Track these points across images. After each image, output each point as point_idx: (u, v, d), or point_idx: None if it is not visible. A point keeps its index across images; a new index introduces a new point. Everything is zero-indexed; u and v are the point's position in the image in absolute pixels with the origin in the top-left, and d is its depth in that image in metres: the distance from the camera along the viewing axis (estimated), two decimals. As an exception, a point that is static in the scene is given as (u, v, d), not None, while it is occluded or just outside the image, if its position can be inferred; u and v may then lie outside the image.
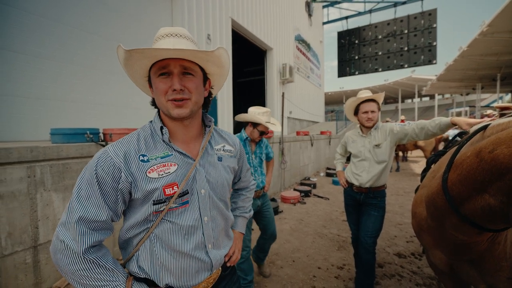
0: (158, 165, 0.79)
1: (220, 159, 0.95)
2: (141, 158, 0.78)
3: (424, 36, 11.75)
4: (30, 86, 3.32)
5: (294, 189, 5.73)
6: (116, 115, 4.38)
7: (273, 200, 4.77)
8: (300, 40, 12.23)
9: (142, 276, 0.81)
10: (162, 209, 0.79)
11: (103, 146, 2.49)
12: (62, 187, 2.19)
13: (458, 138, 1.65)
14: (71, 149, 2.26)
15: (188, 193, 0.83)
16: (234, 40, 7.40)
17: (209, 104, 0.95)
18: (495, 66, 11.01)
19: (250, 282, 2.14)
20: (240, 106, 8.77)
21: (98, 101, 4.11)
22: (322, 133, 9.24)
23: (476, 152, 0.92)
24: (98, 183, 0.73)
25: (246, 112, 2.24)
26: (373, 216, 2.06)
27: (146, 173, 0.77)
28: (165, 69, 0.77)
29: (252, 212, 1.26)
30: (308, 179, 6.99)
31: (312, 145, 7.78)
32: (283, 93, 6.06)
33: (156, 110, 0.90)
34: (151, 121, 0.88)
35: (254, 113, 2.16)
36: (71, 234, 0.70)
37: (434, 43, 11.57)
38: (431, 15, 11.65)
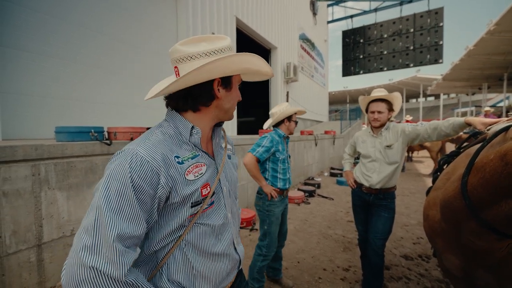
0: (192, 166, 0.77)
1: (229, 156, 0.98)
2: (177, 159, 0.73)
3: (430, 35, 11.60)
4: (34, 84, 3.31)
5: (298, 189, 5.69)
6: (119, 114, 4.37)
7: (277, 200, 4.74)
8: (304, 39, 12.16)
9: None
10: (196, 211, 0.77)
11: (108, 144, 2.47)
12: (67, 185, 2.18)
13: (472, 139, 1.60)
14: (75, 148, 2.24)
15: (214, 192, 0.83)
16: (238, 39, 7.37)
17: None
18: (502, 65, 10.87)
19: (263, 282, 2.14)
20: (244, 105, 8.73)
21: (101, 100, 4.10)
22: (326, 132, 9.18)
23: (501, 155, 0.86)
24: (134, 192, 0.62)
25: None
26: (383, 217, 2.02)
27: (184, 175, 0.73)
28: (239, 83, 0.89)
29: None
30: (312, 179, 6.94)
31: (316, 144, 7.72)
32: (287, 92, 6.02)
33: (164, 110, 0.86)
34: (166, 120, 0.81)
35: (282, 109, 2.22)
36: (107, 256, 0.57)
37: (441, 42, 11.42)
38: (437, 13, 11.50)
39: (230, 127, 6.76)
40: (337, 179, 6.90)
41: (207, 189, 0.79)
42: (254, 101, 11.33)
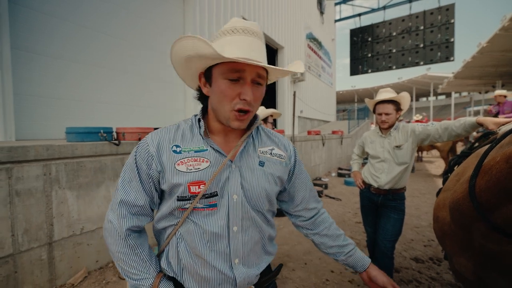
0: (189, 158, 0.74)
1: (262, 163, 0.81)
2: (174, 148, 0.75)
3: (441, 32, 11.34)
4: (44, 85, 3.39)
5: (305, 189, 5.64)
6: (127, 114, 4.44)
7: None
8: (311, 38, 12.08)
9: (171, 275, 0.79)
10: (186, 206, 0.74)
11: (116, 145, 2.51)
12: (77, 185, 2.22)
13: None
14: (85, 148, 2.28)
15: (217, 195, 0.75)
16: (245, 39, 7.37)
17: None
18: (517, 62, 10.51)
19: None
20: (250, 105, 8.73)
21: (109, 100, 4.17)
22: (333, 132, 9.09)
23: (506, 157, 0.84)
24: (137, 169, 0.75)
25: None
26: (392, 218, 1.98)
27: (175, 164, 0.73)
28: (238, 73, 0.68)
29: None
30: (320, 179, 6.88)
31: (323, 144, 7.66)
32: (294, 92, 5.98)
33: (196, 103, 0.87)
34: (195, 114, 0.83)
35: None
36: (115, 215, 0.75)
37: (452, 39, 11.16)
38: (448, 10, 11.24)
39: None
40: (345, 179, 6.82)
41: (198, 187, 0.72)
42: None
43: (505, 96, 6.14)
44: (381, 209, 2.08)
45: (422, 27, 11.84)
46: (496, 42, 8.70)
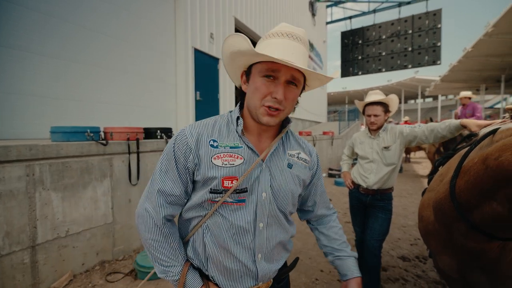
0: (225, 153, 0.77)
1: (290, 166, 0.86)
2: (211, 143, 0.78)
3: (428, 36, 11.62)
4: (33, 84, 3.29)
5: (296, 190, 5.67)
6: (121, 114, 4.36)
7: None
8: (303, 39, 12.17)
9: (196, 263, 0.83)
10: (217, 199, 0.78)
11: (104, 145, 2.46)
12: (62, 186, 2.17)
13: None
14: (71, 148, 2.23)
15: (246, 191, 0.78)
16: (236, 39, 7.38)
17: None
18: (499, 67, 10.90)
19: None
20: (242, 105, 8.71)
21: (101, 100, 4.09)
22: (324, 133, 9.19)
23: (483, 158, 0.89)
24: (175, 160, 0.77)
25: None
26: (380, 218, 2.02)
27: (211, 158, 0.76)
28: (273, 72, 0.72)
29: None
30: (310, 179, 6.92)
31: (314, 145, 7.72)
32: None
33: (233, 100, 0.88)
34: (230, 111, 0.87)
35: None
36: (152, 204, 0.77)
37: (439, 44, 11.44)
38: (435, 15, 11.52)
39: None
40: (335, 179, 6.90)
41: (231, 182, 0.76)
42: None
43: (469, 98, 5.88)
44: (369, 209, 2.12)
45: (410, 31, 12.09)
46: (481, 47, 9.00)
